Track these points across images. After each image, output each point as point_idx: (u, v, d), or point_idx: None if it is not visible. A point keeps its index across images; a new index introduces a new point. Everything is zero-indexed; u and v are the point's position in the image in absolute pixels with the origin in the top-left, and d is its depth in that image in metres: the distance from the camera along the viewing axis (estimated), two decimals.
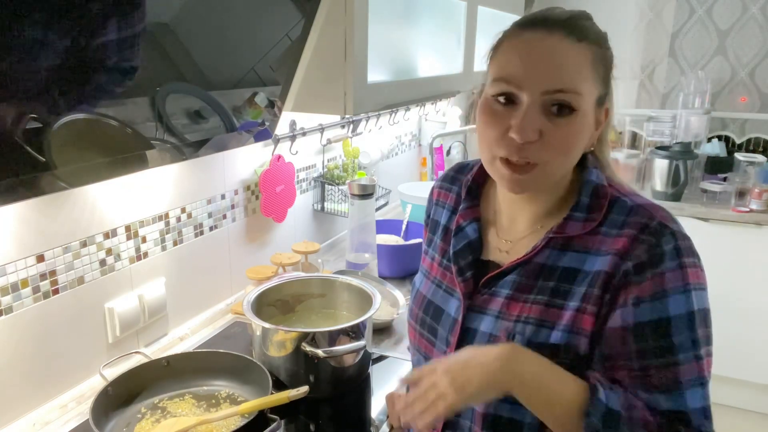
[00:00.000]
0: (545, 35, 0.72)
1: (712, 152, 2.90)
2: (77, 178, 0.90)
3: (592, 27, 0.75)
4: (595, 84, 0.74)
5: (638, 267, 0.71)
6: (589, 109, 0.74)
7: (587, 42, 0.73)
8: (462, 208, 0.90)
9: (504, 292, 0.80)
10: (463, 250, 0.86)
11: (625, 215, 0.75)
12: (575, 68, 0.72)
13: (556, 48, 0.72)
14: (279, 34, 1.16)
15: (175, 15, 0.89)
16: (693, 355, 0.70)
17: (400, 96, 1.45)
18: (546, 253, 0.78)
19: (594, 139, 0.79)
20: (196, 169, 1.36)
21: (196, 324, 1.42)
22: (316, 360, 1.08)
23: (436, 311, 0.87)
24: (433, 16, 1.57)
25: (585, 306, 0.74)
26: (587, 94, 0.73)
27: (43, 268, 1.04)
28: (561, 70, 0.71)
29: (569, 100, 0.71)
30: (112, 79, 0.82)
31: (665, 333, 0.70)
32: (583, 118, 0.73)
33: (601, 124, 0.79)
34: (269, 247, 1.67)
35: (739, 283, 2.56)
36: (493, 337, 0.78)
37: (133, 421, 0.98)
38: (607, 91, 0.77)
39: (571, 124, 0.72)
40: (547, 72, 0.71)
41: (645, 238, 0.72)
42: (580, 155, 0.78)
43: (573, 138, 0.73)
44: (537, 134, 0.71)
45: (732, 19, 2.91)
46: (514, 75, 0.72)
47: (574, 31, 0.72)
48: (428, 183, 2.40)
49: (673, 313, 0.70)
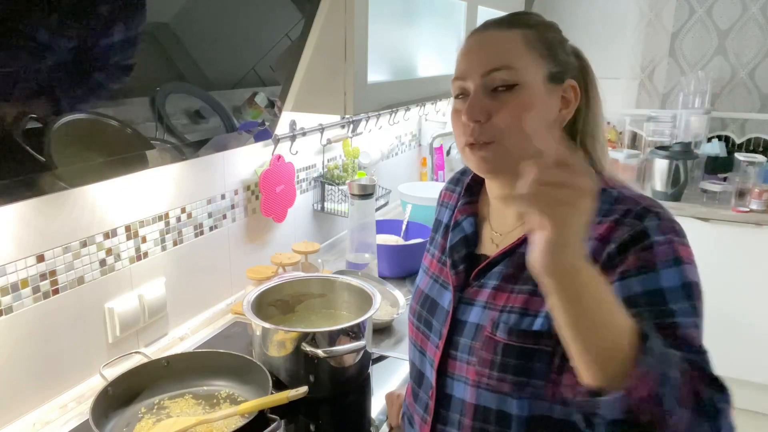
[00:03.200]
0: (481, 33, 0.82)
1: (712, 152, 2.90)
2: (77, 178, 0.90)
3: (528, 18, 0.82)
4: (534, 59, 0.78)
5: (621, 247, 0.71)
6: (536, 83, 0.78)
7: (517, 27, 0.79)
8: (460, 204, 0.93)
9: (491, 283, 0.81)
10: (459, 244, 0.89)
11: (611, 204, 0.75)
12: (505, 47, 0.78)
13: (488, 37, 0.81)
14: (279, 34, 1.16)
15: (175, 15, 0.90)
16: (694, 323, 0.67)
17: (400, 96, 1.45)
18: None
19: (565, 116, 0.81)
20: (196, 169, 1.36)
21: (196, 324, 1.42)
22: (316, 360, 1.08)
23: (432, 305, 0.89)
24: (432, 16, 1.57)
25: None
26: (526, 68, 0.77)
27: (43, 268, 1.04)
28: (493, 51, 0.79)
29: (505, 76, 0.77)
30: (108, 77, 0.82)
31: (660, 302, 0.67)
32: (529, 91, 0.77)
33: (571, 102, 0.81)
34: (269, 247, 1.67)
35: (739, 283, 2.56)
36: (480, 327, 0.79)
37: (133, 421, 0.98)
38: (564, 69, 0.80)
39: (516, 97, 0.77)
40: (482, 57, 0.79)
41: (628, 221, 0.72)
42: (544, 130, 0.72)
43: (521, 110, 0.76)
44: (485, 114, 0.77)
45: (732, 19, 2.91)
46: (461, 71, 0.81)
47: (504, 22, 0.81)
48: (428, 183, 2.40)
49: (666, 285, 0.68)
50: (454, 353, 0.83)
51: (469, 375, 0.80)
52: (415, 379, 0.92)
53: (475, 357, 0.79)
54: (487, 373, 0.78)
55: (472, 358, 0.79)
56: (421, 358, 0.90)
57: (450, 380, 0.83)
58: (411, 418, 0.93)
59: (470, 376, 0.80)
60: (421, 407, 0.88)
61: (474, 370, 0.79)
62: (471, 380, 0.79)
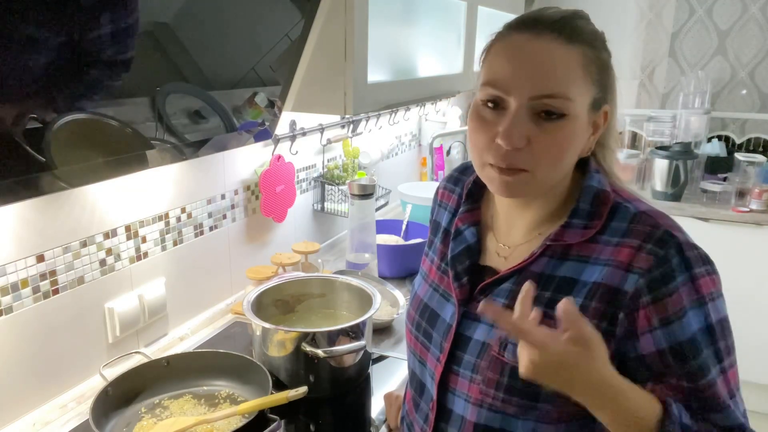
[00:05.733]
0: (533, 37, 0.70)
1: (712, 152, 2.90)
2: (77, 178, 0.90)
3: (585, 27, 0.72)
4: (587, 87, 0.71)
5: (651, 285, 0.68)
6: (582, 114, 0.71)
7: (579, 43, 0.70)
8: (461, 211, 0.88)
9: (500, 301, 0.77)
10: (461, 254, 0.84)
11: (628, 222, 0.72)
12: (564, 72, 0.69)
13: (545, 51, 0.69)
14: (279, 34, 1.16)
15: (175, 15, 0.89)
16: (719, 369, 0.69)
17: (400, 96, 1.45)
18: (543, 262, 0.76)
19: (591, 144, 0.76)
20: (196, 169, 1.36)
21: (196, 324, 1.42)
22: (316, 360, 1.08)
23: (432, 316, 0.85)
24: (432, 16, 1.57)
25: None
26: (578, 98, 0.70)
27: (43, 268, 1.04)
28: (549, 74, 0.69)
29: (558, 105, 0.69)
30: (107, 73, 0.81)
31: (686, 357, 0.68)
32: (574, 123, 0.71)
33: (599, 128, 0.75)
34: (269, 247, 1.67)
35: (739, 283, 2.56)
36: (486, 346, 0.76)
37: (133, 421, 0.98)
38: (605, 94, 0.74)
39: (561, 129, 0.70)
40: (535, 76, 0.69)
41: (651, 248, 0.69)
42: (574, 161, 0.75)
43: (563, 144, 0.71)
44: (524, 141, 0.69)
45: (732, 19, 2.91)
46: (501, 79, 0.71)
47: (564, 32, 0.70)
48: (428, 183, 2.40)
49: (689, 335, 0.68)
50: (456, 368, 0.79)
51: (471, 393, 0.77)
52: (415, 389, 0.89)
53: (480, 376, 0.76)
54: (492, 393, 0.75)
55: (477, 376, 0.76)
56: (422, 369, 0.87)
57: (451, 395, 0.80)
58: (411, 425, 0.91)
59: (473, 394, 0.77)
60: (422, 417, 0.86)
61: (478, 388, 0.76)
62: (473, 398, 0.77)
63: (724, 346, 0.70)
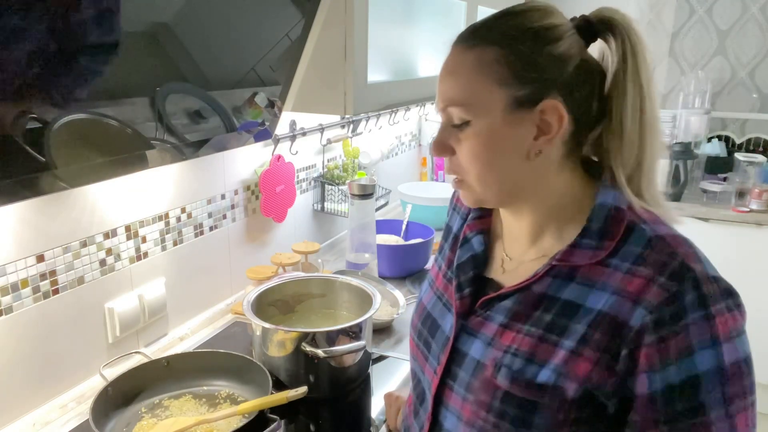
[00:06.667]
0: (450, 50, 0.72)
1: (712, 152, 2.90)
2: (77, 178, 0.90)
3: (499, 26, 0.69)
4: (493, 87, 0.67)
5: (658, 324, 0.63)
6: (495, 115, 0.68)
7: (483, 44, 0.68)
8: (471, 217, 0.85)
9: (499, 318, 0.74)
10: (467, 263, 0.82)
11: (642, 248, 0.66)
12: (461, 78, 0.69)
13: (449, 61, 0.72)
14: (279, 34, 1.16)
15: (175, 15, 0.89)
16: (725, 413, 0.62)
17: (400, 96, 1.45)
18: (547, 282, 0.71)
19: (543, 144, 0.69)
20: (196, 169, 1.36)
21: (196, 324, 1.42)
22: (316, 360, 1.08)
23: (433, 325, 0.83)
24: (432, 16, 1.57)
25: (581, 349, 0.66)
26: (478, 102, 0.68)
27: (43, 268, 1.04)
28: (447, 83, 0.71)
29: (457, 113, 0.70)
30: (96, 59, 0.79)
31: (694, 393, 0.62)
32: (484, 127, 0.69)
33: (552, 126, 0.68)
34: (269, 247, 1.67)
35: (739, 284, 2.55)
36: (481, 365, 0.73)
37: (133, 421, 0.98)
38: (543, 89, 0.67)
39: (471, 136, 0.70)
40: (440, 88, 0.72)
41: (664, 282, 0.63)
42: (515, 164, 0.71)
43: (476, 149, 0.69)
44: (448, 151, 0.72)
45: (732, 19, 2.91)
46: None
47: (463, 37, 0.71)
48: (428, 183, 2.41)
49: (701, 369, 0.62)
50: (451, 383, 0.77)
51: (464, 412, 0.74)
52: (417, 395, 0.88)
53: (472, 396, 0.73)
54: (483, 415, 0.71)
55: (470, 395, 0.73)
56: (423, 377, 0.85)
57: (445, 410, 0.78)
58: (407, 430, 0.90)
59: (465, 414, 0.74)
60: (419, 426, 0.85)
61: (470, 409, 0.73)
62: (465, 417, 0.74)
63: (739, 388, 0.63)
